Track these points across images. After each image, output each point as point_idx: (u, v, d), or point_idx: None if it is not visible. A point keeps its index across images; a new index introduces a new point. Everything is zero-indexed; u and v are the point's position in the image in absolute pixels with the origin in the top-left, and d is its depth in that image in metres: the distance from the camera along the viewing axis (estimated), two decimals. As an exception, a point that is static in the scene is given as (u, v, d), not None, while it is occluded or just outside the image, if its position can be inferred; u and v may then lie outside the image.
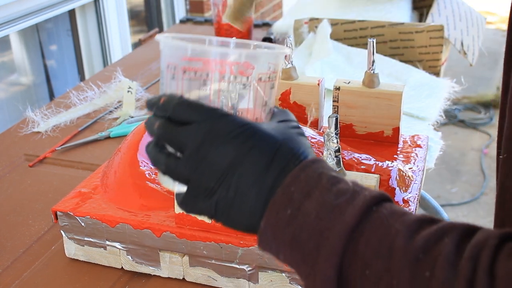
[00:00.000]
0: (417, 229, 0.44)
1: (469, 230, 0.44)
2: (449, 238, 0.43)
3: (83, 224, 0.83)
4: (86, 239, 0.84)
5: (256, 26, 1.95)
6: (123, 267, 0.84)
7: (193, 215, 0.79)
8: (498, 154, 0.67)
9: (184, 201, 0.51)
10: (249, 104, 0.53)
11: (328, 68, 1.42)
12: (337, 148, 0.72)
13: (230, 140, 0.49)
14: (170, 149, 0.51)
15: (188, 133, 0.49)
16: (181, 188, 0.51)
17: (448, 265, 0.42)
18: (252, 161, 0.48)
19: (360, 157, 0.90)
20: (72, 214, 0.83)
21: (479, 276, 0.40)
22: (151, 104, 0.53)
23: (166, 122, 0.51)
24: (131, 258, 0.83)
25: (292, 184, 0.47)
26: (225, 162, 0.48)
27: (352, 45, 1.54)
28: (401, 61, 1.50)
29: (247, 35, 1.79)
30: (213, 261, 0.80)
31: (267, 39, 1.76)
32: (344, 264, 0.45)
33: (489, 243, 0.42)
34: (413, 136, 1.05)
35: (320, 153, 0.89)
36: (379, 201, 0.47)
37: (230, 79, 0.52)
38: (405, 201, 0.87)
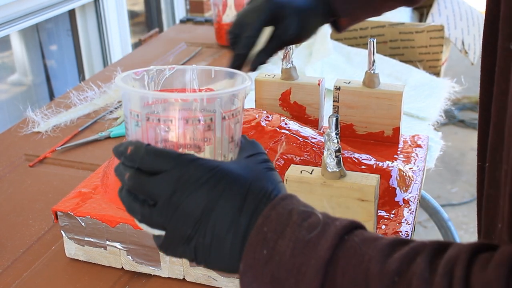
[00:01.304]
0: (390, 253, 0.45)
1: (441, 247, 0.45)
2: (422, 257, 0.44)
3: (83, 224, 0.83)
4: (86, 239, 0.84)
5: (256, 26, 1.94)
6: (123, 267, 0.84)
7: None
8: (480, 165, 0.67)
9: (163, 246, 0.51)
10: (216, 143, 0.54)
11: (328, 68, 1.42)
12: (337, 148, 0.72)
13: (200, 186, 0.49)
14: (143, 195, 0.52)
15: (158, 183, 0.50)
16: (160, 232, 0.52)
17: (423, 284, 0.42)
18: (225, 205, 0.49)
19: (360, 157, 0.90)
20: (72, 214, 0.83)
21: None
22: (118, 153, 0.53)
23: (136, 173, 0.51)
24: (131, 258, 0.83)
25: (264, 225, 0.48)
26: (198, 209, 0.49)
27: (352, 45, 1.54)
28: (401, 61, 1.50)
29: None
30: (213, 261, 0.80)
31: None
32: None
33: (462, 257, 0.42)
34: (413, 136, 1.05)
35: (320, 153, 0.89)
36: (350, 230, 0.47)
37: (194, 122, 0.52)
38: (405, 201, 0.87)
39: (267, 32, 0.89)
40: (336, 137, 0.71)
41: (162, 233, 0.51)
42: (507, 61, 0.54)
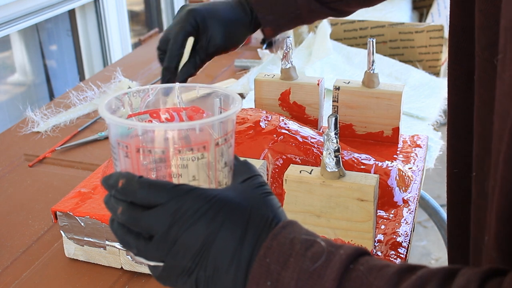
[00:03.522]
0: (397, 282, 0.44)
1: (449, 275, 0.44)
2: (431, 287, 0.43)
3: (82, 224, 0.83)
4: (85, 239, 0.84)
5: (256, 26, 1.94)
6: (123, 267, 0.84)
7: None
8: (450, 171, 0.67)
9: (162, 278, 0.50)
10: (210, 169, 0.52)
11: (328, 68, 1.42)
12: (336, 148, 0.72)
13: (199, 218, 0.47)
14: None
15: (154, 218, 0.48)
16: (157, 263, 0.50)
17: None
18: (226, 236, 0.47)
19: (360, 157, 0.90)
20: (71, 214, 0.83)
21: None
22: (109, 186, 0.51)
23: (130, 207, 0.49)
24: (131, 258, 0.83)
25: (267, 256, 0.47)
26: (198, 242, 0.47)
27: (352, 45, 1.54)
28: (401, 61, 1.50)
29: (247, 35, 1.79)
30: (212, 261, 0.80)
31: (267, 39, 1.76)
32: None
33: (471, 287, 0.41)
34: (413, 136, 1.05)
35: (319, 153, 0.89)
36: (355, 257, 0.46)
37: (186, 151, 0.50)
38: (405, 201, 0.87)
39: (191, 45, 0.91)
40: (335, 137, 0.72)
41: (160, 264, 0.49)
42: (487, 71, 0.54)
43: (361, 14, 1.72)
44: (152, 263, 0.50)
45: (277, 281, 0.46)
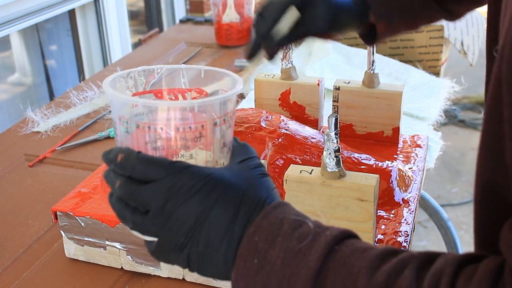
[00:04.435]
0: (379, 264, 0.45)
1: (429, 258, 0.45)
2: (409, 270, 0.44)
3: (83, 224, 0.83)
4: (86, 239, 0.84)
5: (256, 26, 1.94)
6: (123, 267, 0.84)
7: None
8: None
9: (156, 252, 0.51)
10: (208, 148, 0.53)
11: (328, 68, 1.42)
12: (337, 148, 0.72)
13: (193, 194, 0.48)
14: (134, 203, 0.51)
15: (151, 192, 0.49)
16: (152, 238, 0.51)
17: None
18: (219, 214, 0.49)
19: (360, 157, 0.90)
20: (72, 214, 0.83)
21: None
22: (108, 160, 0.52)
23: (128, 181, 0.50)
24: (131, 258, 0.83)
25: (256, 234, 0.48)
26: (191, 217, 0.48)
27: (351, 45, 1.54)
28: (401, 61, 1.50)
29: (247, 35, 1.79)
30: (213, 261, 0.80)
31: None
32: None
33: (447, 271, 0.43)
34: (413, 136, 1.05)
35: (320, 153, 0.89)
36: (341, 239, 0.47)
37: (185, 129, 0.51)
38: (405, 201, 0.87)
39: (293, 17, 0.81)
40: (335, 137, 0.72)
41: (154, 239, 0.50)
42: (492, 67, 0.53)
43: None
44: (147, 238, 0.51)
45: (264, 259, 0.47)
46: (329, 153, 0.73)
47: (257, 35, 0.82)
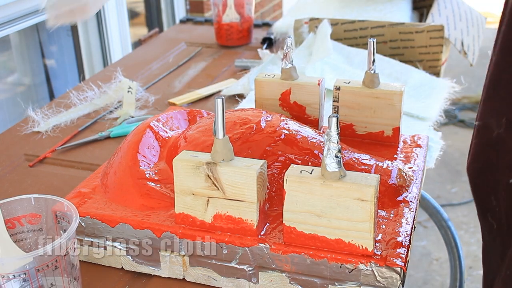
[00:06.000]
0: None
1: None
2: None
3: (83, 224, 0.83)
4: (86, 239, 0.84)
5: (256, 26, 1.95)
6: (123, 267, 0.84)
7: (192, 215, 0.79)
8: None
9: None
10: None
11: (328, 68, 1.42)
12: (337, 148, 0.72)
13: None
14: None
15: None
16: None
17: None
18: None
19: (360, 157, 0.90)
20: (72, 214, 0.83)
21: None
22: None
23: None
24: (131, 258, 0.83)
25: None
26: None
27: (352, 45, 1.54)
28: (401, 61, 1.50)
29: (247, 35, 1.79)
30: (213, 261, 0.80)
31: (267, 39, 1.76)
32: None
33: None
34: (413, 136, 1.05)
35: (320, 153, 0.89)
36: None
37: None
38: (405, 201, 0.87)
39: None
40: (336, 137, 0.72)
41: None
42: None
43: (361, 14, 1.73)
44: None
45: None
46: (330, 153, 0.73)
47: None
